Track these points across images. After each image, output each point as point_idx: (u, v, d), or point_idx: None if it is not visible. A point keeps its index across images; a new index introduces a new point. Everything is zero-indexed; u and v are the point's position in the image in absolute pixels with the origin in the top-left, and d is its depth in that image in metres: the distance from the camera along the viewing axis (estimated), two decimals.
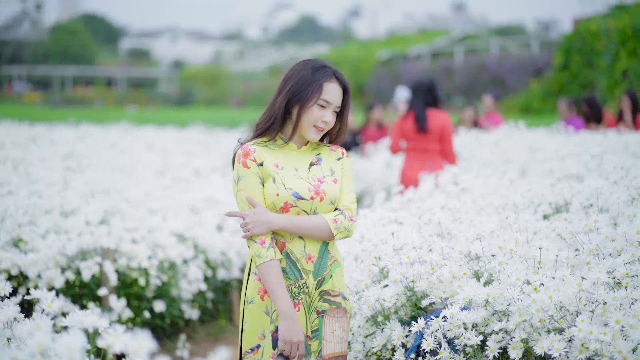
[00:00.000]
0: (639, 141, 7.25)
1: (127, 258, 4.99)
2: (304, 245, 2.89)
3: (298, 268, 2.89)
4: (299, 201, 2.86)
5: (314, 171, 2.95)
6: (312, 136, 2.91)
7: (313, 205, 2.89)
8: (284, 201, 2.85)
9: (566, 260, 3.09)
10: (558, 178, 5.44)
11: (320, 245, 2.92)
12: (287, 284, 2.87)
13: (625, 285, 2.88)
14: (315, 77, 2.88)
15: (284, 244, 2.88)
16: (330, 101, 2.88)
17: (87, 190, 5.90)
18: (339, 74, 2.94)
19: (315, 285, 2.91)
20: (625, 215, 3.54)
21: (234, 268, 5.97)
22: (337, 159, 3.01)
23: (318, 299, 2.92)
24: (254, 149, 2.88)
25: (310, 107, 2.87)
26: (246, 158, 2.87)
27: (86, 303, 4.81)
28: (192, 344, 5.56)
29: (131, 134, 11.80)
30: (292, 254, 2.89)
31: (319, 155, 3.00)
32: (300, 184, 2.89)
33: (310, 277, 2.90)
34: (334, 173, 2.97)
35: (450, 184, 4.89)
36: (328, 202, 2.91)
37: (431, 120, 7.41)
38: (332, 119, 2.91)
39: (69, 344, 1.81)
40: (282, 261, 2.88)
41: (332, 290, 2.94)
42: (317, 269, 2.91)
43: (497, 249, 3.14)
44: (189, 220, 5.84)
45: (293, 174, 2.90)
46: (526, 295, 2.82)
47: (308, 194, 2.88)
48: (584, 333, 2.63)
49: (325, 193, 2.90)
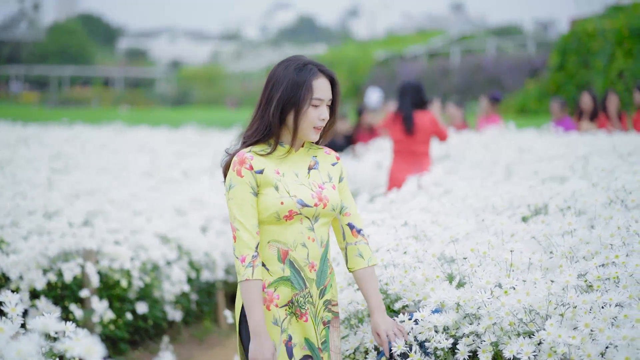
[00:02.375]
0: (627, 142, 7.25)
1: (110, 259, 4.98)
2: (307, 253, 2.81)
3: (302, 277, 2.81)
4: (303, 208, 2.79)
5: (314, 176, 2.88)
6: (313, 137, 2.84)
7: (316, 212, 2.82)
8: (288, 209, 2.76)
9: (539, 263, 3.09)
10: (542, 179, 5.44)
11: (322, 252, 2.86)
12: (293, 294, 2.79)
13: (596, 288, 2.87)
14: (302, 78, 2.78)
15: (287, 252, 2.79)
16: (322, 98, 2.81)
17: (71, 191, 5.89)
18: (322, 67, 2.84)
19: (318, 295, 2.84)
20: (601, 217, 3.53)
21: (218, 269, 5.96)
22: (332, 164, 2.95)
23: (323, 309, 2.86)
24: (250, 157, 2.79)
25: (305, 111, 2.79)
26: (241, 166, 2.77)
27: (68, 305, 4.79)
28: (176, 345, 5.55)
29: (123, 135, 11.78)
30: (296, 262, 2.80)
31: (316, 157, 2.93)
32: (303, 191, 2.81)
33: (314, 286, 2.83)
34: (331, 179, 2.91)
35: (433, 186, 4.90)
36: (330, 209, 2.85)
37: (418, 122, 7.44)
38: (327, 114, 2.84)
39: (19, 350, 1.80)
40: (286, 270, 2.79)
41: (332, 299, 2.90)
42: (319, 278, 2.84)
43: (469, 251, 3.13)
44: (173, 222, 5.83)
45: (294, 180, 2.83)
46: (496, 298, 2.81)
47: (312, 200, 2.81)
48: (552, 336, 2.62)
49: (328, 199, 2.84)
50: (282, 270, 2.79)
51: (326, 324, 2.87)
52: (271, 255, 2.79)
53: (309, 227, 2.81)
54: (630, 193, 3.69)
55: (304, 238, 2.80)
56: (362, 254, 2.94)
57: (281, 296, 2.79)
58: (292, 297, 2.79)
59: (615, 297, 2.72)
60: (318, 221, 2.83)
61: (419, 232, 3.58)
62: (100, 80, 48.62)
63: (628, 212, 3.52)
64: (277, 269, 2.79)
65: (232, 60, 56.98)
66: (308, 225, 2.81)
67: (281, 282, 2.79)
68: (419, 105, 7.43)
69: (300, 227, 2.80)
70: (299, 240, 2.80)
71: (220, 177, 3.07)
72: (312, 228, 2.82)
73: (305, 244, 2.80)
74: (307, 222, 2.81)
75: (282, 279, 2.79)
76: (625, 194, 3.70)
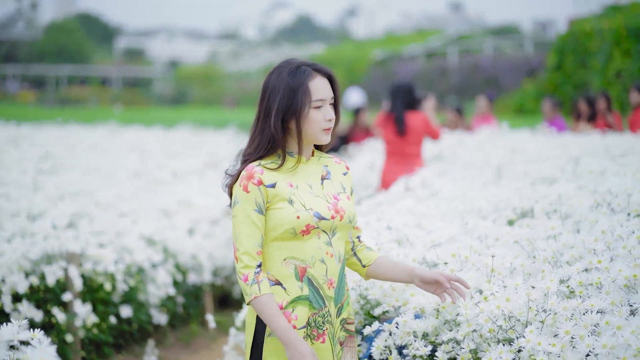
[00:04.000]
0: (620, 143, 7.20)
1: (93, 262, 4.92)
2: (325, 269, 2.64)
3: (321, 295, 2.64)
4: (320, 222, 2.63)
5: (328, 187, 2.73)
6: (324, 139, 2.68)
7: (333, 225, 2.66)
8: (305, 224, 2.60)
9: (522, 268, 3.03)
10: (532, 181, 5.39)
11: (340, 268, 2.70)
12: (311, 313, 2.62)
13: (578, 294, 2.81)
14: (298, 82, 2.64)
15: (305, 269, 2.62)
16: (323, 98, 2.66)
17: (57, 192, 5.83)
18: (317, 66, 2.70)
19: (336, 313, 2.69)
20: (587, 221, 3.47)
21: (206, 272, 5.90)
22: (343, 173, 2.81)
23: (340, 328, 2.72)
24: (260, 171, 2.61)
25: (307, 115, 2.64)
26: (249, 181, 2.60)
27: (50, 308, 4.74)
28: (162, 349, 5.50)
29: (115, 135, 11.71)
30: (315, 279, 2.63)
31: (327, 167, 2.78)
32: (319, 203, 2.66)
33: (332, 304, 2.67)
34: (345, 189, 2.77)
35: (420, 188, 4.84)
36: (347, 221, 2.70)
37: (410, 124, 7.41)
38: (333, 114, 2.69)
39: None
40: (305, 288, 2.62)
41: (348, 317, 2.76)
42: (337, 295, 2.69)
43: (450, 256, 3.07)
44: (159, 223, 5.76)
45: (309, 192, 2.67)
46: (474, 304, 2.75)
47: (328, 213, 2.65)
48: (532, 344, 2.57)
49: (344, 211, 2.69)
50: (301, 288, 2.62)
51: (342, 344, 2.73)
52: (288, 273, 2.62)
53: (326, 241, 2.66)
54: (616, 196, 3.63)
55: (322, 254, 2.64)
56: (370, 248, 2.88)
57: (299, 317, 2.61)
58: (309, 317, 2.62)
59: (597, 303, 2.67)
60: (335, 235, 2.68)
61: (402, 236, 3.52)
62: (98, 79, 48.55)
63: (614, 216, 3.46)
64: (295, 288, 2.62)
65: (230, 60, 56.88)
66: (325, 240, 2.66)
67: (299, 302, 2.61)
68: (410, 106, 7.40)
69: (317, 242, 2.64)
70: (317, 256, 2.64)
71: (210, 177, 2.98)
72: (329, 243, 2.66)
73: (324, 260, 2.64)
74: (324, 237, 2.65)
75: (300, 298, 2.62)
76: (612, 197, 3.64)
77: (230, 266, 6.38)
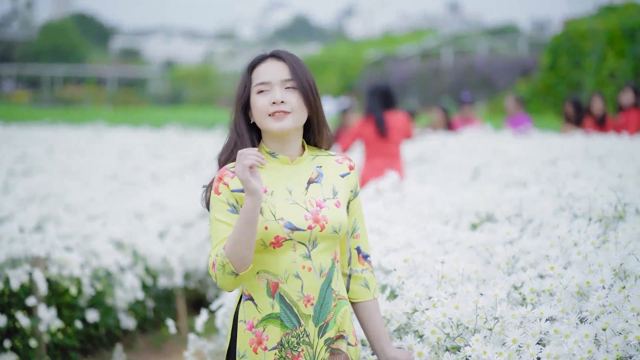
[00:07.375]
0: (601, 145, 7.15)
1: (59, 266, 4.85)
2: (301, 285, 2.39)
3: (295, 313, 2.39)
4: (293, 233, 2.38)
5: (313, 192, 2.45)
6: (275, 125, 2.41)
7: (312, 236, 2.40)
8: (274, 235, 2.36)
9: (475, 275, 2.97)
10: (506, 184, 5.33)
11: (322, 283, 2.42)
12: (284, 333, 2.38)
13: (530, 301, 2.75)
14: (245, 71, 2.48)
15: (277, 285, 2.39)
16: (266, 80, 2.43)
17: (27, 195, 5.77)
18: (272, 51, 2.50)
19: (317, 333, 2.42)
20: (549, 225, 3.41)
21: (177, 275, 5.83)
22: (341, 175, 2.51)
23: (324, 349, 2.44)
24: (229, 174, 2.41)
25: (253, 101, 2.43)
26: (218, 182, 2.41)
27: (14, 313, 4.67)
28: (131, 354, 5.44)
29: (100, 136, 11.63)
30: (287, 296, 2.39)
31: (320, 167, 2.50)
32: (295, 211, 2.40)
33: (310, 323, 2.41)
34: (336, 194, 2.48)
35: (390, 191, 4.78)
36: (331, 231, 2.42)
37: (391, 124, 7.39)
38: (290, 97, 2.42)
39: None
40: (276, 306, 2.38)
41: (337, 334, 2.47)
42: (317, 313, 2.41)
43: (402, 262, 3.01)
44: (130, 226, 5.69)
45: (285, 198, 2.42)
46: (421, 312, 2.69)
47: (305, 223, 2.39)
48: (477, 352, 2.51)
49: (327, 220, 2.41)
50: (272, 305, 2.39)
51: None
52: (260, 287, 2.41)
53: (303, 254, 2.40)
54: (579, 200, 3.56)
55: (297, 267, 2.39)
56: (368, 284, 2.58)
57: (270, 337, 2.39)
58: (281, 337, 2.39)
59: (547, 311, 2.61)
60: (317, 247, 2.41)
61: None
62: (94, 79, 48.43)
63: (576, 221, 3.39)
64: (266, 305, 2.40)
65: (227, 60, 56.78)
66: (303, 253, 2.40)
67: (270, 321, 2.40)
68: (388, 106, 7.38)
69: (292, 255, 2.39)
70: (290, 270, 2.39)
71: (188, 178, 2.85)
72: (308, 256, 2.40)
73: (299, 275, 2.39)
74: (301, 249, 2.39)
75: (270, 316, 2.40)
76: (574, 201, 3.58)
77: (203, 269, 6.32)
